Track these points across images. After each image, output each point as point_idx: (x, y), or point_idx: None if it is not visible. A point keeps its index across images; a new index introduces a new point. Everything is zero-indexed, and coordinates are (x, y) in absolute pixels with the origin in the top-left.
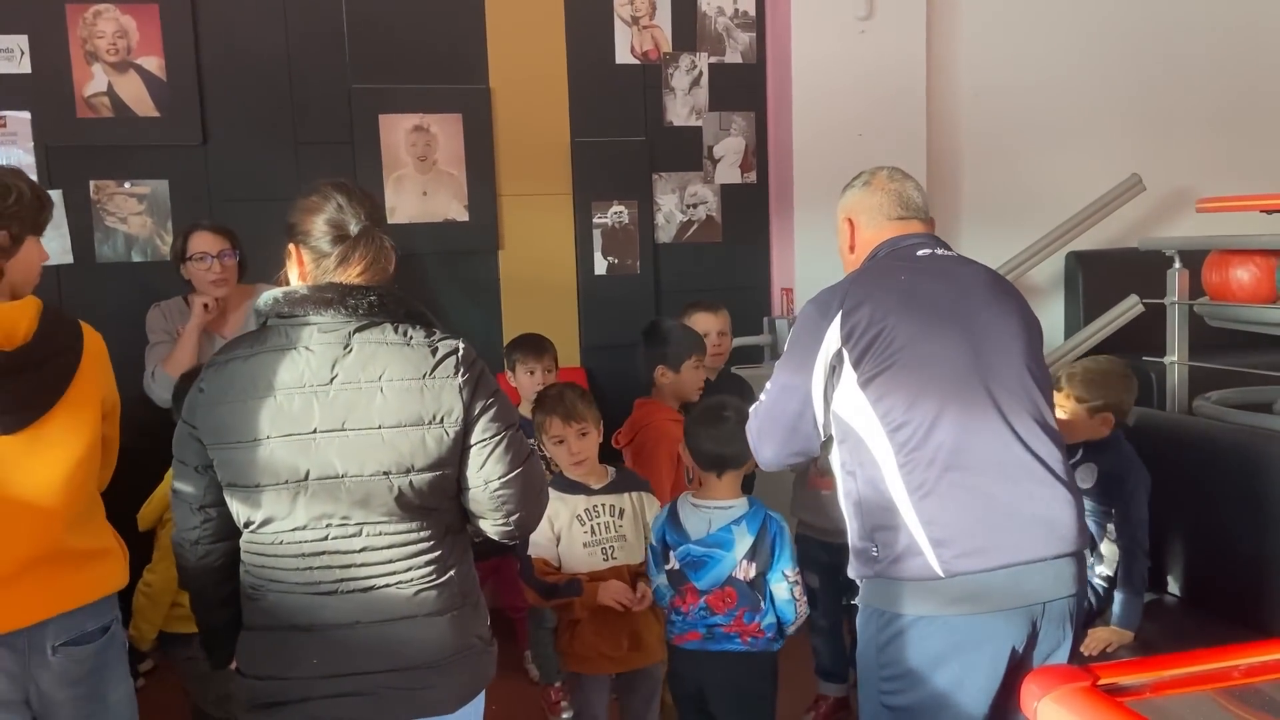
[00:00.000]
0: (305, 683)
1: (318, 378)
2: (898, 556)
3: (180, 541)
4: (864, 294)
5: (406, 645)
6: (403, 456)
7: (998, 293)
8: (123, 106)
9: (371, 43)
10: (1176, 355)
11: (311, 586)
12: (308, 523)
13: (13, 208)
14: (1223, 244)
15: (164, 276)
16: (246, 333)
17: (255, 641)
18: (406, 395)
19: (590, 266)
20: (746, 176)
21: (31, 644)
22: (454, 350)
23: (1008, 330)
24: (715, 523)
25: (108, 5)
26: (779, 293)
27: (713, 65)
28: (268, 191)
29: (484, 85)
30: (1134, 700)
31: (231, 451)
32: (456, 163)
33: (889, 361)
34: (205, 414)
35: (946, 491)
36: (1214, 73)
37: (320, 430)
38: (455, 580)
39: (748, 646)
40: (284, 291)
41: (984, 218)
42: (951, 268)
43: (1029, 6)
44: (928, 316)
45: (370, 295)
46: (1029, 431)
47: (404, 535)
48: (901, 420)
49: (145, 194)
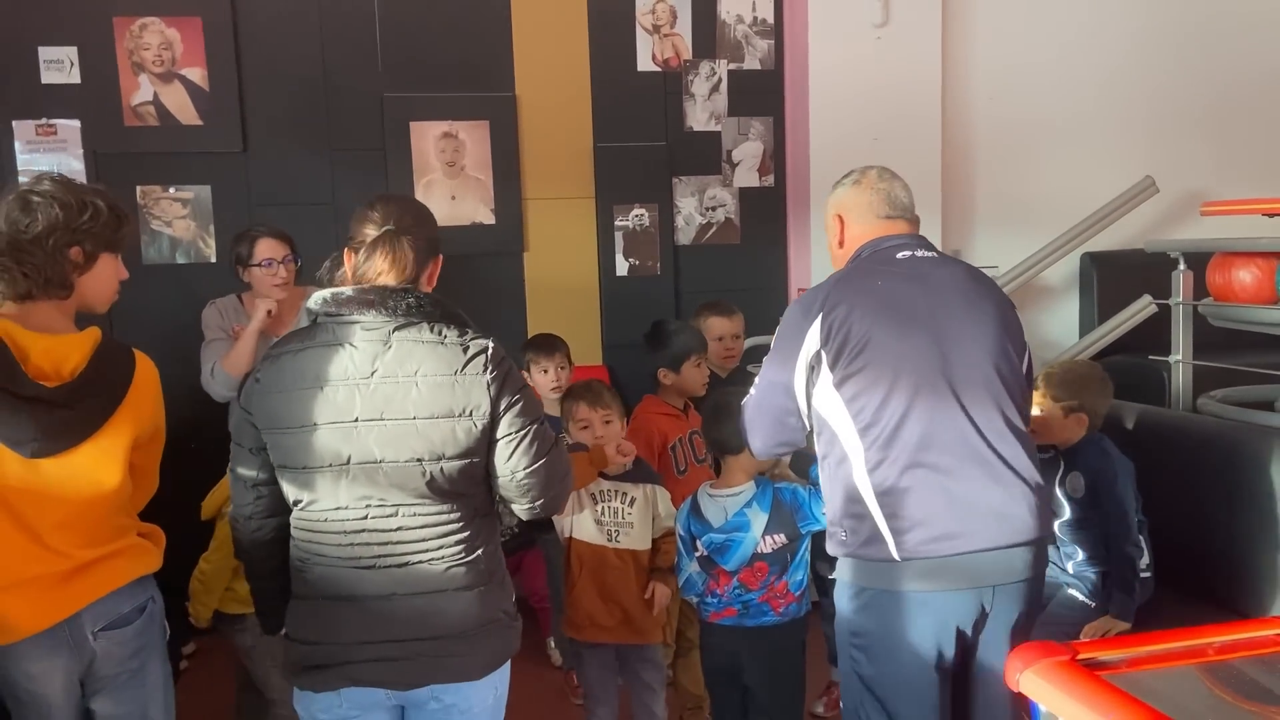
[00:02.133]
0: (346, 648)
1: (360, 372)
2: (863, 541)
3: (236, 517)
4: (842, 297)
5: (437, 616)
6: (434, 445)
7: (973, 296)
8: (167, 115)
9: (403, 53)
10: (1181, 354)
11: (353, 561)
12: (349, 503)
13: (87, 224)
14: (1225, 246)
15: (207, 277)
16: (299, 329)
17: (302, 610)
18: (439, 390)
19: (612, 268)
20: (764, 180)
21: (73, 633)
22: (483, 349)
23: (978, 332)
24: (730, 509)
25: (153, 18)
26: (795, 293)
27: (732, 72)
28: (304, 196)
29: (510, 93)
30: (1111, 674)
31: (283, 436)
32: (484, 168)
33: (862, 364)
34: (259, 402)
35: (908, 486)
36: (1227, 75)
37: (361, 419)
38: (482, 559)
39: (780, 617)
40: (332, 292)
41: (999, 220)
42: (929, 270)
43: (1043, 12)
44: (900, 321)
45: (408, 297)
46: (993, 430)
47: (436, 516)
48: (870, 420)
49: (189, 199)
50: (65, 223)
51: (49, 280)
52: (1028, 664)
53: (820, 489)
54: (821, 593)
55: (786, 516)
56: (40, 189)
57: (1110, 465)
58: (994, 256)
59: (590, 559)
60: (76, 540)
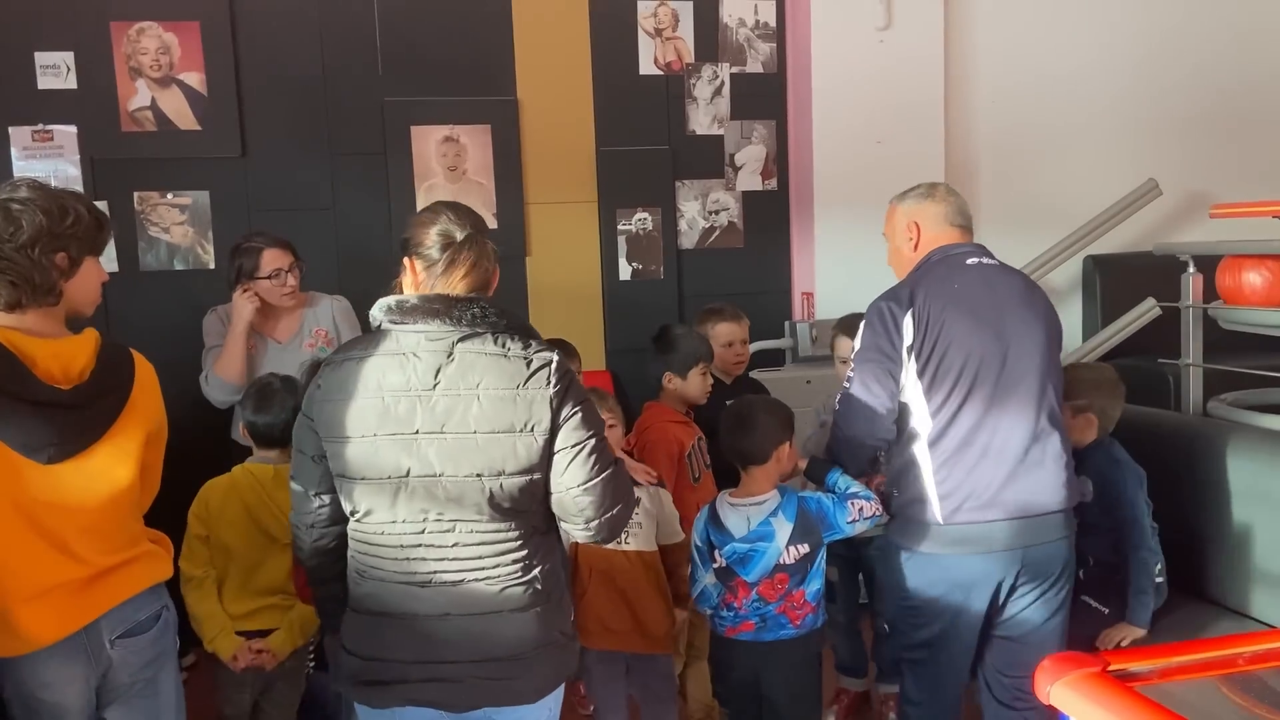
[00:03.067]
0: (400, 666)
1: (423, 383)
2: (910, 501)
3: (297, 525)
4: (928, 294)
5: (493, 638)
6: (494, 460)
7: (1029, 301)
8: (165, 120)
9: (403, 57)
10: (1191, 358)
11: (408, 577)
12: (407, 516)
13: (70, 229)
14: (1235, 249)
15: (205, 284)
16: (362, 335)
17: (357, 623)
18: (501, 404)
19: (615, 272)
20: (767, 183)
21: (91, 642)
22: (547, 363)
23: (1032, 336)
24: (754, 519)
25: (151, 23)
26: (800, 297)
27: (734, 75)
28: (304, 201)
29: (512, 97)
30: (1143, 685)
31: (342, 445)
32: (485, 172)
33: (941, 353)
34: (320, 408)
35: (959, 463)
36: (1229, 78)
37: (422, 432)
38: (540, 578)
39: (797, 630)
40: (397, 300)
41: (1002, 222)
42: (994, 276)
43: (1045, 14)
44: (972, 319)
45: (473, 307)
46: (1038, 419)
47: (493, 534)
48: (941, 403)
49: (187, 205)
50: (49, 229)
51: (37, 288)
52: (1058, 676)
53: (841, 497)
54: (829, 598)
55: (812, 526)
56: (19, 197)
57: (1120, 472)
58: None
59: (600, 563)
60: (98, 546)
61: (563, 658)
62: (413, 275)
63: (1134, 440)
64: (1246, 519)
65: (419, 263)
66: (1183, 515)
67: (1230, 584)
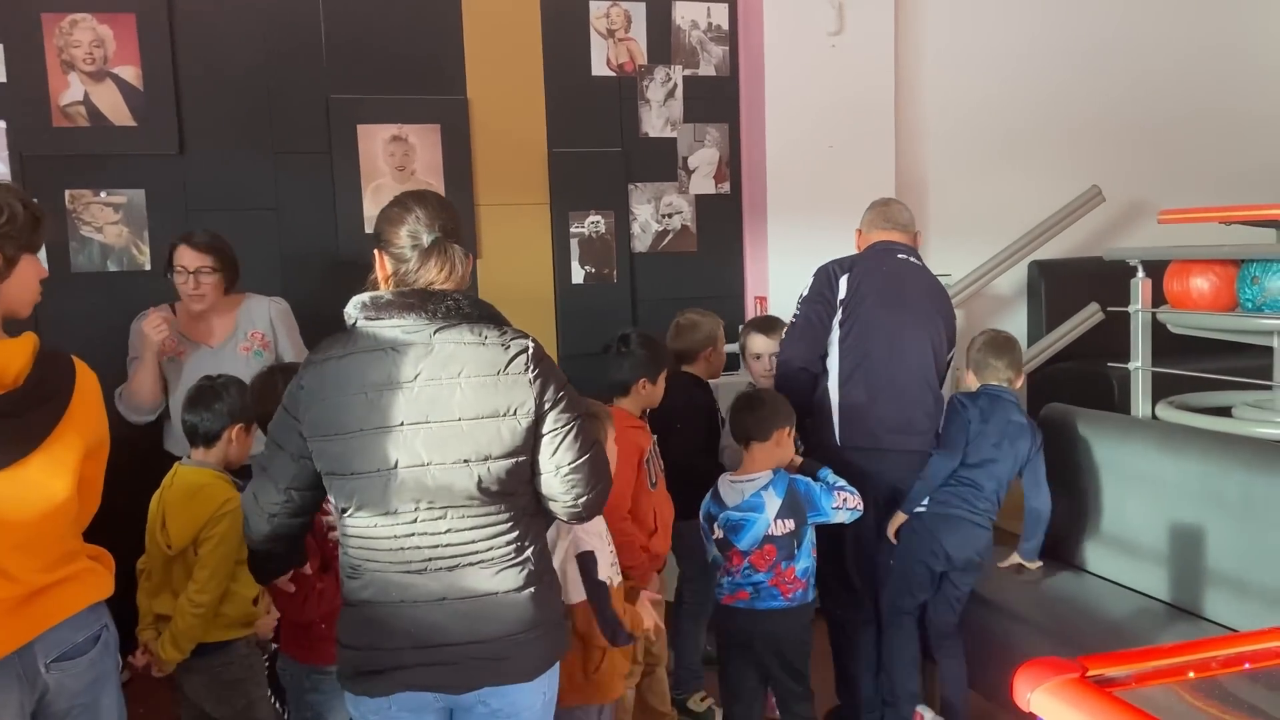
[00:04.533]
0: (399, 653)
1: (404, 376)
2: (825, 421)
3: (258, 510)
4: (862, 268)
5: (490, 620)
6: (480, 446)
7: (930, 293)
8: (99, 116)
9: (349, 53)
10: (1140, 361)
11: (404, 565)
12: (398, 506)
13: (5, 227)
14: (1183, 254)
15: (140, 286)
16: (338, 334)
17: (354, 615)
18: (483, 390)
19: (568, 276)
20: (720, 187)
21: (24, 665)
22: (524, 349)
23: (924, 316)
24: (747, 491)
25: (84, 15)
26: (753, 301)
27: (687, 78)
28: (245, 201)
29: (462, 96)
30: (1121, 690)
31: (330, 443)
32: (434, 173)
33: (855, 314)
34: (307, 409)
35: (857, 401)
36: (1169, 89)
37: (407, 423)
38: (532, 559)
39: (789, 602)
40: (371, 296)
41: (951, 227)
42: (909, 271)
43: (992, 23)
44: (885, 295)
45: (448, 299)
46: (916, 377)
47: (485, 518)
48: (846, 352)
49: (121, 204)
50: None
51: None
52: (1037, 682)
53: (829, 487)
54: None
55: (798, 505)
56: None
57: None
58: (946, 264)
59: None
60: (32, 564)
61: (557, 636)
62: (382, 270)
63: (1084, 442)
64: (1198, 521)
65: (389, 259)
66: (1134, 517)
67: (1183, 585)
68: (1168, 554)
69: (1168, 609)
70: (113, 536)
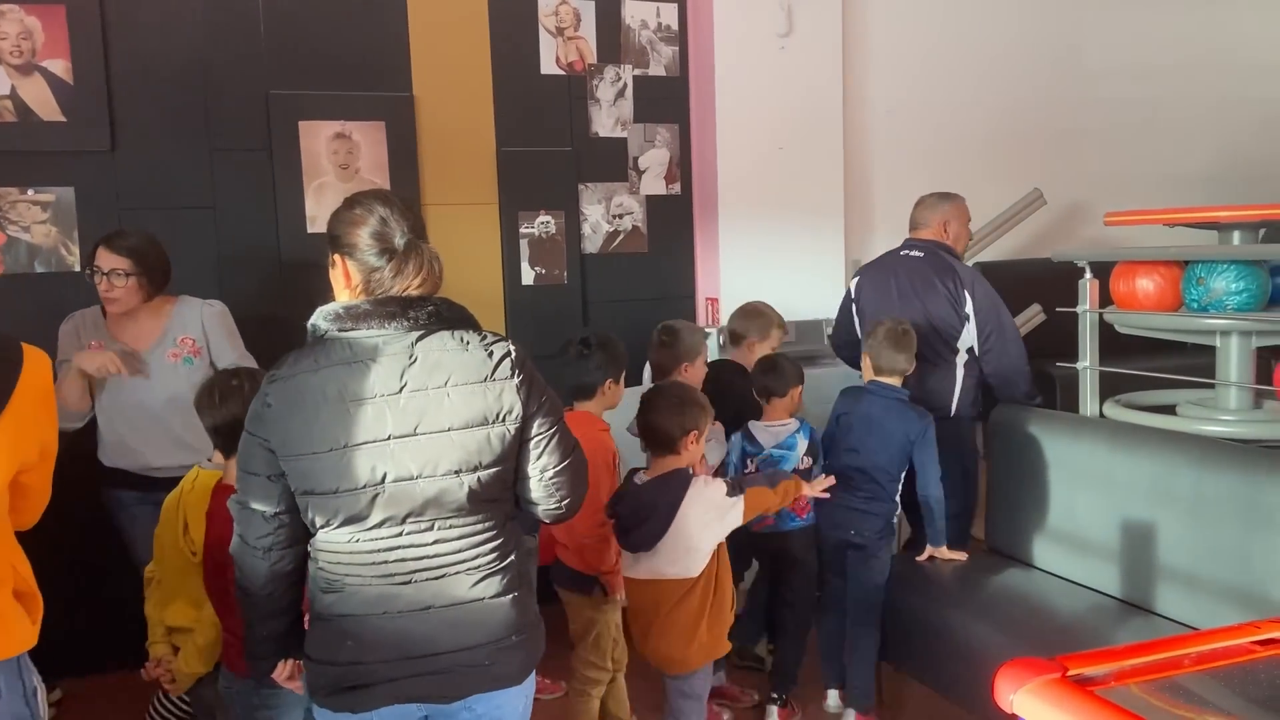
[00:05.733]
0: (383, 666)
1: (387, 387)
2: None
3: (250, 551)
4: (872, 266)
5: (475, 627)
6: (470, 455)
7: (928, 280)
8: (26, 111)
9: (290, 47)
10: (1088, 361)
11: (387, 578)
12: (383, 521)
13: None
14: (1129, 255)
15: (70, 288)
16: (306, 346)
17: (330, 630)
18: (471, 398)
19: (517, 277)
20: (671, 188)
21: None
22: (507, 353)
23: (921, 298)
24: (782, 434)
25: (11, 5)
26: (704, 303)
27: (637, 77)
28: (181, 199)
29: (408, 93)
30: (1102, 689)
31: (308, 461)
32: (380, 171)
33: (859, 300)
34: (275, 427)
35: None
36: (1110, 94)
37: (394, 436)
38: (515, 564)
39: (803, 522)
40: (345, 306)
41: (899, 229)
42: (913, 262)
43: (936, 29)
44: (884, 284)
45: (428, 306)
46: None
47: (471, 527)
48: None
49: (50, 202)
50: None
51: None
52: (1020, 684)
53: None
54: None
55: (816, 448)
56: None
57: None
58: None
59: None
60: None
61: (538, 639)
62: (345, 277)
63: (1034, 442)
64: (1148, 518)
65: (354, 265)
66: (1085, 515)
67: (1135, 581)
68: (1119, 551)
69: (1121, 605)
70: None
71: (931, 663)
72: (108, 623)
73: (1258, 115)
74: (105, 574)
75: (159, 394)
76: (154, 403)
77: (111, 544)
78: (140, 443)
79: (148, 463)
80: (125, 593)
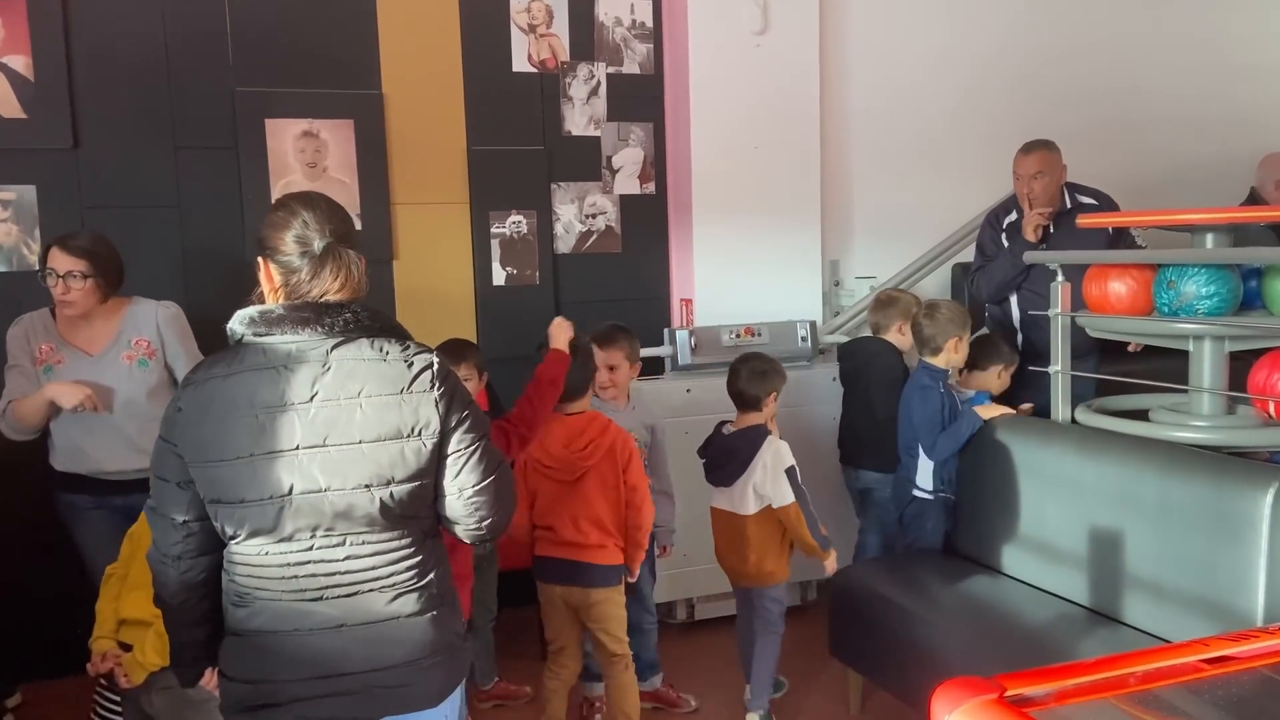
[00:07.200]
0: (294, 684)
1: (298, 396)
2: None
3: (161, 558)
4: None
5: (390, 645)
6: (383, 469)
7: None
8: None
9: (256, 43)
10: (1060, 364)
11: (298, 594)
12: (293, 534)
13: None
14: (1101, 259)
15: (31, 288)
16: (221, 351)
17: (242, 646)
18: (385, 410)
19: (488, 277)
20: (645, 187)
21: None
22: (429, 365)
23: None
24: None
25: None
26: (678, 303)
27: (611, 75)
28: (145, 198)
29: (377, 90)
30: (1039, 710)
31: (215, 469)
32: (348, 170)
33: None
34: (184, 432)
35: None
36: (1083, 96)
37: (303, 447)
38: (434, 583)
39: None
40: (259, 311)
41: (876, 228)
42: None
43: (913, 29)
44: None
45: (345, 312)
46: None
47: (385, 543)
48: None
49: (10, 200)
50: None
51: None
52: (955, 704)
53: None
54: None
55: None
56: None
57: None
58: (871, 267)
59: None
60: None
61: (459, 660)
62: (269, 280)
63: (1004, 446)
64: (1116, 525)
65: (275, 269)
66: (1053, 521)
67: (1102, 590)
68: (1087, 559)
69: (1087, 614)
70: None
71: (897, 671)
72: (66, 627)
73: (1244, 118)
74: (62, 578)
75: (113, 397)
76: (108, 406)
77: (67, 548)
78: (94, 447)
79: (101, 467)
80: (83, 596)
